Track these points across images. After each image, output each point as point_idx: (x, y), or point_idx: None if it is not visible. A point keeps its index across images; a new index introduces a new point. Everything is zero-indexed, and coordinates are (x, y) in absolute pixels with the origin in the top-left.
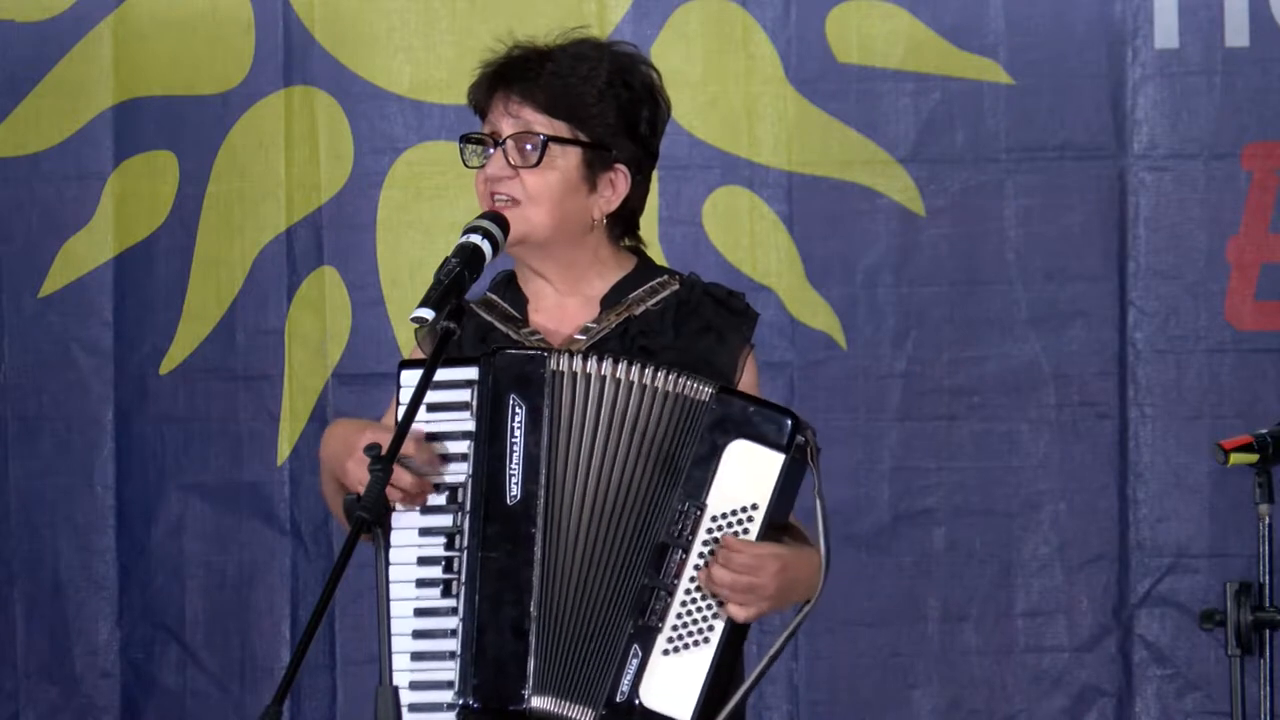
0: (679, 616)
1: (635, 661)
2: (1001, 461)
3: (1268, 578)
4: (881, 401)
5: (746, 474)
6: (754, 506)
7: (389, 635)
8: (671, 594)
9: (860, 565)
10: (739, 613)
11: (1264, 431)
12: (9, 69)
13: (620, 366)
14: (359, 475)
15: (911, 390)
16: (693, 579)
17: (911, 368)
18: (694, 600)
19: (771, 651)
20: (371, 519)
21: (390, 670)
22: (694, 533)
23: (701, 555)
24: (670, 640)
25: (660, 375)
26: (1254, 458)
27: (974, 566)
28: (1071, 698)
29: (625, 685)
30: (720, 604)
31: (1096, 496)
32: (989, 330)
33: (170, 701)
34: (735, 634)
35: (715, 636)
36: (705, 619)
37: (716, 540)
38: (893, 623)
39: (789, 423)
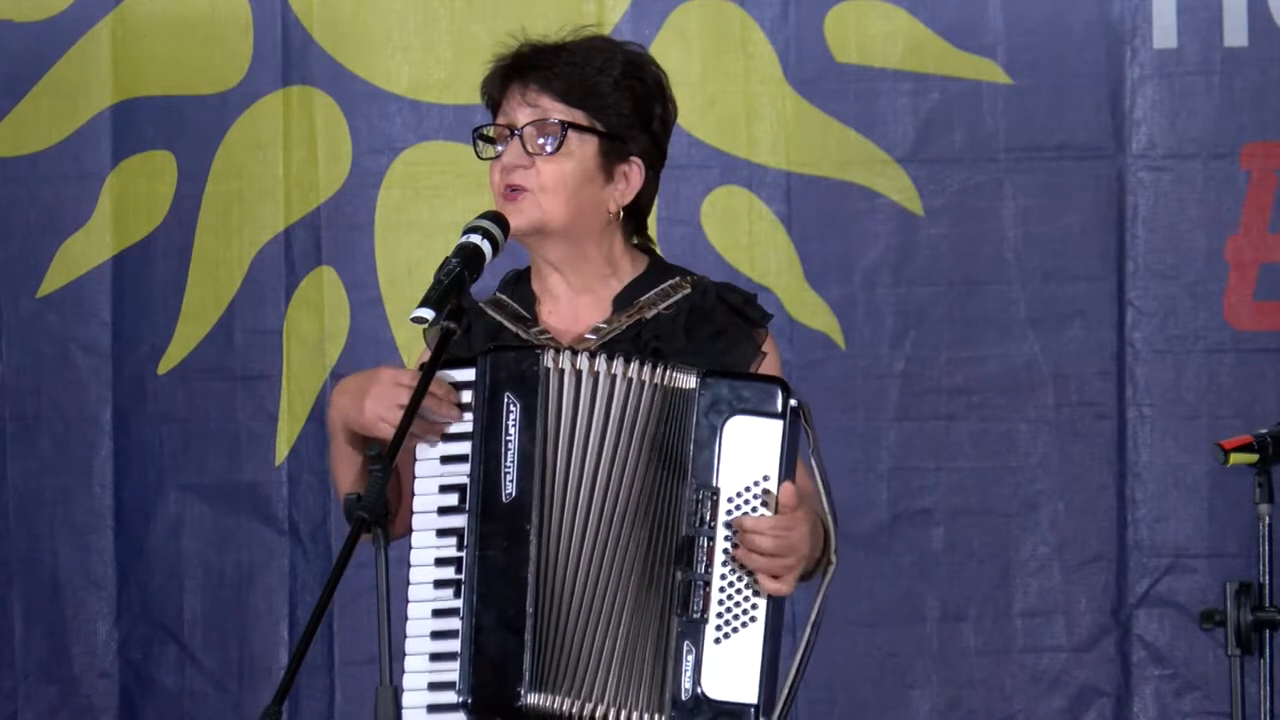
0: (721, 604)
1: (691, 658)
2: (1000, 461)
3: (1268, 578)
4: (880, 401)
5: (751, 448)
6: (765, 478)
7: (389, 636)
8: (708, 583)
9: (859, 565)
10: (779, 586)
11: (1264, 431)
12: (7, 69)
13: (615, 362)
14: (378, 410)
15: (910, 390)
16: (725, 563)
17: (910, 368)
18: (731, 584)
19: (812, 618)
20: (371, 519)
21: (390, 671)
22: (714, 517)
23: (728, 538)
24: (719, 628)
25: (646, 368)
26: (1254, 458)
27: (972, 567)
28: (1070, 698)
29: (687, 682)
30: (758, 580)
31: (1095, 496)
32: (988, 330)
33: (169, 701)
34: (777, 606)
35: (760, 614)
36: (747, 599)
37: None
38: (891, 623)
39: (779, 390)
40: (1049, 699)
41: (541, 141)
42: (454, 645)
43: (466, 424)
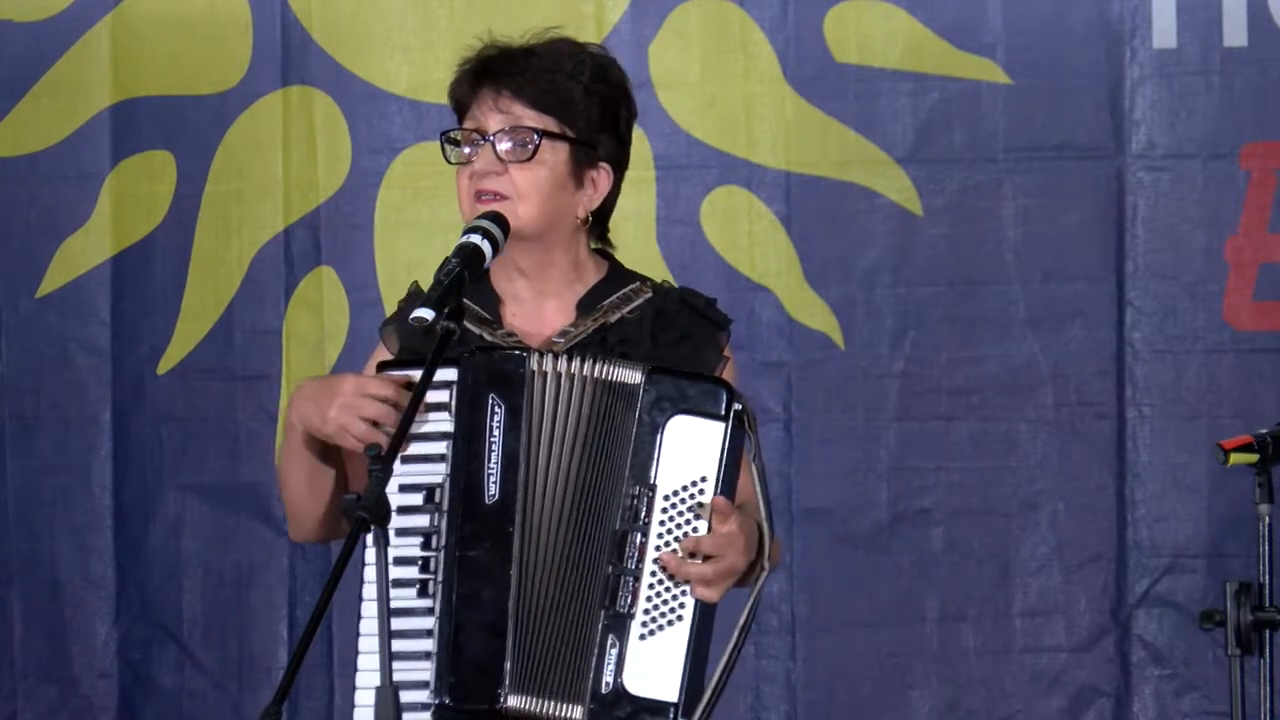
0: (649, 600)
1: (614, 651)
2: (999, 461)
3: (1268, 578)
4: (880, 401)
5: (690, 448)
6: (703, 479)
7: (388, 635)
8: (638, 579)
9: (858, 566)
10: (711, 594)
11: (1264, 431)
12: (7, 69)
13: (587, 364)
14: (341, 420)
15: (909, 390)
16: (656, 560)
17: (910, 368)
18: (661, 582)
19: (741, 622)
20: (372, 519)
21: (390, 671)
22: (649, 515)
23: (661, 536)
24: (644, 625)
25: (597, 366)
26: (1254, 458)
27: (972, 567)
28: (1069, 698)
29: (608, 676)
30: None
31: (1094, 496)
32: (987, 330)
33: (168, 701)
34: (706, 608)
35: (687, 614)
36: (675, 598)
37: (673, 519)
38: (891, 623)
39: (724, 392)
40: (1049, 699)
41: (514, 148)
42: (413, 645)
43: (434, 425)
